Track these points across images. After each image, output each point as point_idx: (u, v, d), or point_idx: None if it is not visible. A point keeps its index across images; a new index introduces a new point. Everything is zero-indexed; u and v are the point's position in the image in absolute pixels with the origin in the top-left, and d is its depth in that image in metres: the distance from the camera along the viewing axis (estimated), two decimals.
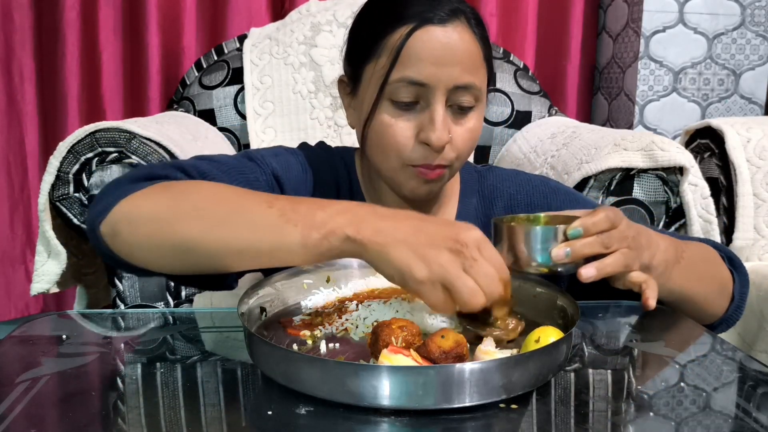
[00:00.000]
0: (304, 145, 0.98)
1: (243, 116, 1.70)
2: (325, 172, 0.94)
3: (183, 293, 1.33)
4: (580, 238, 0.72)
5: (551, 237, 0.73)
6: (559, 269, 0.74)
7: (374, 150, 0.87)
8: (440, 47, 0.81)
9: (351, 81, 0.90)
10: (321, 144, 1.00)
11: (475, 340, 0.68)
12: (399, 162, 0.85)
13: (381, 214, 0.65)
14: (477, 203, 0.97)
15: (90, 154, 1.24)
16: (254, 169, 0.87)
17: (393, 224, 0.63)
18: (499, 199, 0.96)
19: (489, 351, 0.63)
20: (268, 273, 0.85)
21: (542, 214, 0.80)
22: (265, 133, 1.70)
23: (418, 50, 0.81)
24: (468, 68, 0.82)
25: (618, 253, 0.73)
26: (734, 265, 0.90)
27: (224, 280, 0.81)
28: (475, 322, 0.71)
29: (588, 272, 0.72)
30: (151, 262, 0.74)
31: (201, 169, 0.81)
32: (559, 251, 0.72)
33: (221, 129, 1.70)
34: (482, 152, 1.75)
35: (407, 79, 0.81)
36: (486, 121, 1.74)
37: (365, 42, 0.86)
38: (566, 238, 0.72)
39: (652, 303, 0.74)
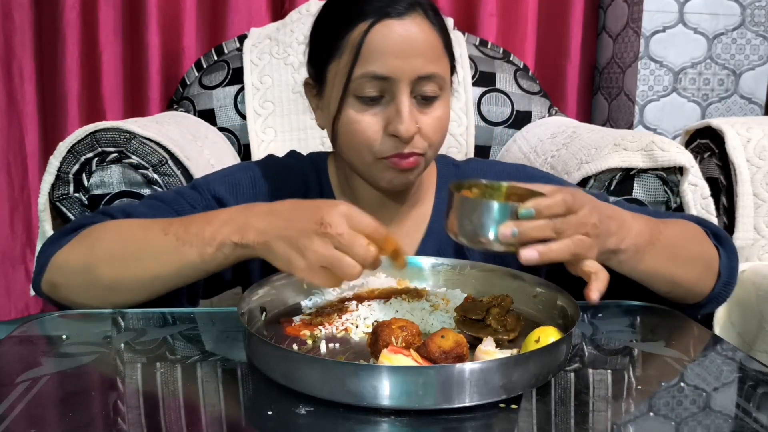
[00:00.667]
0: (269, 158, 1.01)
1: (243, 116, 1.70)
2: (292, 179, 0.97)
3: None
4: (532, 219, 0.67)
5: (502, 214, 0.67)
6: (505, 249, 0.68)
7: (345, 147, 0.88)
8: (400, 40, 0.82)
9: (316, 82, 0.91)
10: (291, 152, 1.03)
11: (475, 341, 0.68)
12: (371, 156, 0.86)
13: (259, 212, 0.73)
14: None
15: (90, 154, 1.23)
16: (193, 199, 0.92)
17: (270, 222, 0.71)
18: None
19: (489, 351, 0.63)
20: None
21: (505, 184, 0.74)
22: (265, 133, 1.70)
23: (378, 44, 0.82)
24: (429, 58, 0.84)
25: (568, 240, 0.68)
26: (720, 240, 0.88)
27: (177, 301, 0.85)
28: (473, 327, 0.71)
29: (528, 255, 0.67)
30: (91, 304, 0.82)
31: (127, 211, 0.88)
32: (506, 230, 0.67)
33: (221, 129, 1.70)
34: (482, 152, 1.75)
35: (370, 74, 0.82)
36: (486, 121, 1.74)
37: (326, 42, 0.87)
38: (518, 217, 0.67)
39: (594, 296, 0.68)
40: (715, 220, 1.32)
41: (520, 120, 1.76)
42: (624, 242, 0.75)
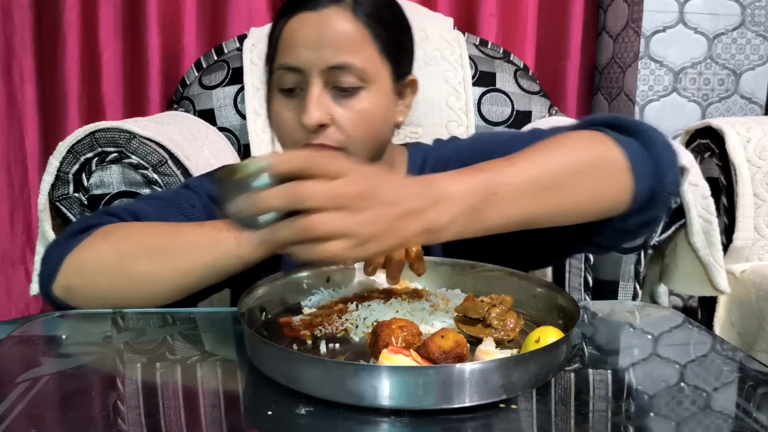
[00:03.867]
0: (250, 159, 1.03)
1: (243, 116, 1.70)
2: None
3: None
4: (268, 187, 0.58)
5: (244, 187, 0.58)
6: (247, 224, 0.60)
7: (277, 138, 0.90)
8: (311, 31, 0.84)
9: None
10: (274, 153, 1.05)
11: (475, 341, 0.68)
12: (293, 147, 0.87)
13: None
14: None
15: (90, 154, 1.23)
16: (190, 197, 0.91)
17: None
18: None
19: (489, 351, 0.63)
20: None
21: (264, 162, 0.60)
22: (265, 133, 1.70)
23: (291, 37, 0.85)
24: (343, 49, 0.83)
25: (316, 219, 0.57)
26: (636, 134, 0.75)
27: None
28: (473, 327, 0.71)
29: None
30: (114, 305, 0.79)
31: (132, 210, 0.86)
32: (242, 206, 0.59)
33: (221, 129, 1.70)
34: None
35: (284, 66, 0.85)
36: (486, 121, 1.74)
37: (267, 41, 0.90)
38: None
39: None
40: (715, 220, 1.31)
41: (520, 120, 1.76)
42: (447, 213, 0.62)
